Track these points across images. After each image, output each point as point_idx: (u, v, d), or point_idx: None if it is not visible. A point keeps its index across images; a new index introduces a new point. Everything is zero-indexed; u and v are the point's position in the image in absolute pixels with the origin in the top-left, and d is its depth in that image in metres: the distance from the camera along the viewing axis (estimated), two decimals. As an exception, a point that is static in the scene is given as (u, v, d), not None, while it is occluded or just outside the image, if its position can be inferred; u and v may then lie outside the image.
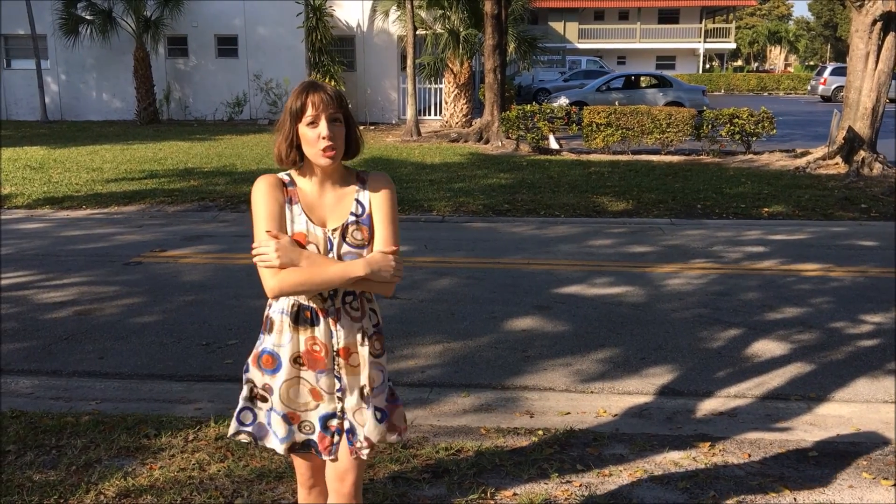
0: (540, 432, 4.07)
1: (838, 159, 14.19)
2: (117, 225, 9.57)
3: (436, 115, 24.69)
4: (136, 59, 23.12)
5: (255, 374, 2.39)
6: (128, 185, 12.14)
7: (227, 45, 24.70)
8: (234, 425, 2.44)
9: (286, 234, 2.25)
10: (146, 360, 5.13)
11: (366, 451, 2.38)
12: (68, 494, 3.38)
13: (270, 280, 2.19)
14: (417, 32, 20.86)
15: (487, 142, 18.52)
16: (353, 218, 2.31)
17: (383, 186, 2.38)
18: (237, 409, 2.43)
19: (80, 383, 4.74)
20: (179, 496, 3.38)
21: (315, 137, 2.21)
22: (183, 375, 4.89)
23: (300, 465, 2.54)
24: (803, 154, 15.65)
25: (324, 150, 2.21)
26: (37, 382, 4.74)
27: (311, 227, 2.27)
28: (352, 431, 2.38)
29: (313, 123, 2.21)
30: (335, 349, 2.31)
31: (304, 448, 2.42)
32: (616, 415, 4.35)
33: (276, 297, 2.27)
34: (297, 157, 2.27)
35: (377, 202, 2.35)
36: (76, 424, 4.07)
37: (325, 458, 2.40)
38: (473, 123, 21.06)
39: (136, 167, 14.11)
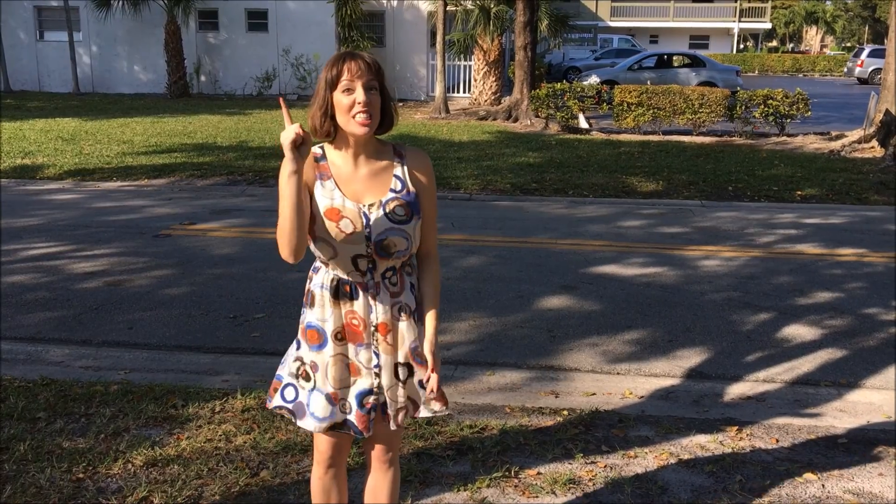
0: (565, 412, 4.05)
1: (874, 143, 13.91)
2: (147, 197, 9.64)
3: (465, 92, 24.54)
4: (167, 32, 23.19)
5: (304, 349, 2.35)
6: (158, 158, 12.23)
7: (258, 20, 24.69)
8: (277, 399, 2.41)
9: (313, 218, 2.23)
10: (174, 332, 5.18)
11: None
12: (97, 462, 3.43)
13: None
14: (448, 8, 20.68)
15: (516, 120, 18.38)
16: (393, 195, 2.25)
17: (426, 168, 2.33)
18: (282, 384, 2.40)
19: (110, 353, 4.80)
20: (206, 466, 3.41)
21: (350, 104, 2.14)
22: (210, 347, 4.93)
23: (323, 443, 2.46)
24: (838, 137, 15.37)
25: (359, 117, 2.15)
26: (67, 351, 4.80)
27: (345, 202, 2.21)
28: (386, 405, 2.37)
29: (349, 90, 2.14)
30: (374, 324, 2.29)
31: (342, 428, 2.38)
32: (642, 397, 4.32)
33: (294, 261, 2.21)
34: (331, 128, 2.20)
35: (423, 191, 2.31)
36: (105, 393, 4.12)
37: (365, 436, 2.37)
38: (502, 101, 20.91)
39: (166, 140, 14.20)
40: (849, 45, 70.63)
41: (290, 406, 2.39)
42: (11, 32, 25.21)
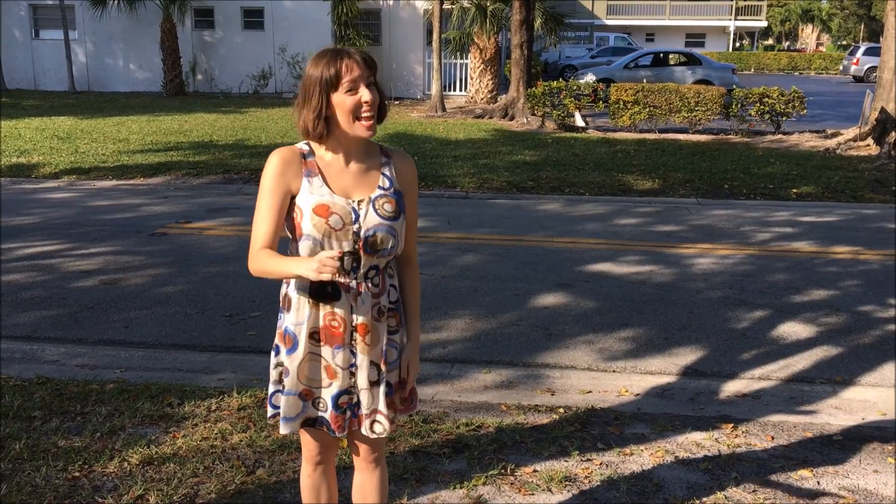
0: (561, 410, 4.05)
1: (870, 141, 13.95)
2: (143, 196, 9.63)
3: (461, 90, 24.54)
4: (162, 30, 23.16)
5: (283, 354, 2.35)
6: (154, 157, 12.21)
7: (253, 18, 24.68)
8: (270, 409, 2.41)
9: (282, 224, 2.23)
10: (170, 331, 5.17)
11: (380, 427, 2.35)
12: (93, 461, 3.42)
13: (250, 262, 2.24)
14: (444, 6, 20.67)
15: (513, 118, 18.39)
16: (382, 191, 2.26)
17: (411, 171, 2.36)
18: (269, 393, 2.39)
19: (106, 352, 4.79)
20: (202, 465, 3.41)
21: (354, 104, 2.13)
22: (206, 346, 4.93)
23: (308, 441, 2.49)
24: (834, 135, 15.39)
25: (365, 119, 2.15)
26: (63, 350, 4.79)
27: (333, 197, 2.21)
28: (358, 405, 2.36)
29: (352, 90, 2.12)
30: (353, 325, 2.28)
31: (316, 424, 2.38)
32: (638, 394, 4.32)
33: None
34: (324, 130, 2.18)
35: (407, 193, 2.34)
36: (101, 392, 4.11)
37: (338, 435, 2.38)
38: (499, 99, 20.91)
39: (161, 139, 14.18)
40: (844, 43, 70.76)
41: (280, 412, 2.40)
42: (7, 30, 25.15)
